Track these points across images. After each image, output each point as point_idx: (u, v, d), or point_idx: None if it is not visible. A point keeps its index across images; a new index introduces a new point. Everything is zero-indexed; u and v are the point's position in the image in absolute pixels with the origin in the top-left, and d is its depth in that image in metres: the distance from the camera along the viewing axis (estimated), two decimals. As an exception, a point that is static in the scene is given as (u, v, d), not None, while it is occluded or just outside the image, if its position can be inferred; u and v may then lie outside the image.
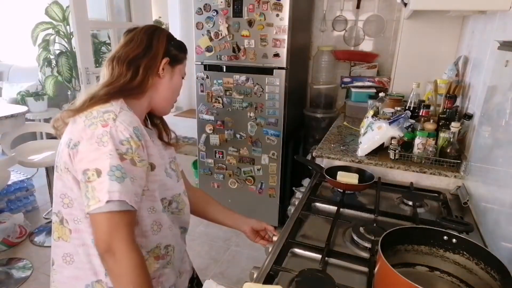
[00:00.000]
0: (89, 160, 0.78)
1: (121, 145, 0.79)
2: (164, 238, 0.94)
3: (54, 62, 4.25)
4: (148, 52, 0.92)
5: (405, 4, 1.70)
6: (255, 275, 0.89)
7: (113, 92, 0.87)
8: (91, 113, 0.83)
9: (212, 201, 1.20)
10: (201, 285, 1.16)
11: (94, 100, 0.85)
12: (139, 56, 0.91)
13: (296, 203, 1.29)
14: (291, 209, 1.30)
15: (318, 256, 0.95)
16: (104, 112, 0.82)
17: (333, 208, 1.22)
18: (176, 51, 0.97)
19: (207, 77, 2.57)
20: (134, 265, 0.76)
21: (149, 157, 0.87)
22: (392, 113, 1.71)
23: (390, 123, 1.56)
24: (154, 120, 1.04)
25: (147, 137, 0.87)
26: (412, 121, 1.62)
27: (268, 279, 0.87)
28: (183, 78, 1.03)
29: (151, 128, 1.01)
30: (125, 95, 0.89)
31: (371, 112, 1.76)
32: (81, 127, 0.81)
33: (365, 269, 0.91)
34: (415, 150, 1.52)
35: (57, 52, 4.26)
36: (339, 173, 1.37)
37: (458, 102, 1.68)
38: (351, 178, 1.34)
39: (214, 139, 2.70)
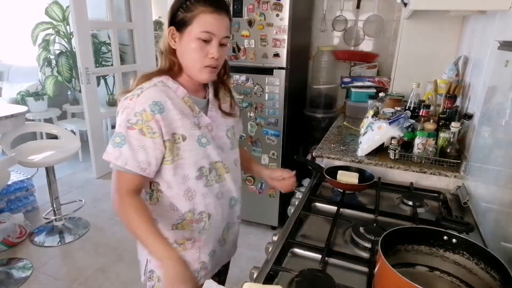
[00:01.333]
0: (117, 125, 0.93)
1: (134, 116, 0.90)
2: (198, 204, 1.01)
3: (54, 62, 4.25)
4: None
5: (405, 4, 1.70)
6: (255, 275, 0.89)
7: (152, 75, 0.97)
8: (132, 91, 0.95)
9: (253, 159, 1.41)
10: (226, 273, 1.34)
11: (136, 82, 0.98)
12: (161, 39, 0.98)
13: (296, 203, 1.30)
14: (291, 209, 1.30)
15: (318, 256, 0.95)
16: (138, 89, 0.94)
17: (333, 208, 1.22)
18: (184, 13, 0.91)
19: (207, 77, 2.57)
20: (131, 211, 0.89)
21: (177, 129, 0.94)
22: (392, 113, 1.71)
23: (390, 123, 1.56)
24: (219, 90, 1.08)
25: (172, 111, 0.93)
26: (412, 121, 1.62)
27: (268, 279, 0.87)
28: (205, 40, 0.91)
29: (206, 98, 1.04)
30: (168, 75, 0.97)
31: (371, 112, 1.76)
32: (122, 100, 0.95)
33: (365, 269, 0.91)
34: (415, 150, 1.52)
35: (57, 52, 4.26)
36: (339, 172, 1.37)
37: (458, 102, 1.68)
38: (351, 178, 1.34)
39: (214, 139, 2.70)
